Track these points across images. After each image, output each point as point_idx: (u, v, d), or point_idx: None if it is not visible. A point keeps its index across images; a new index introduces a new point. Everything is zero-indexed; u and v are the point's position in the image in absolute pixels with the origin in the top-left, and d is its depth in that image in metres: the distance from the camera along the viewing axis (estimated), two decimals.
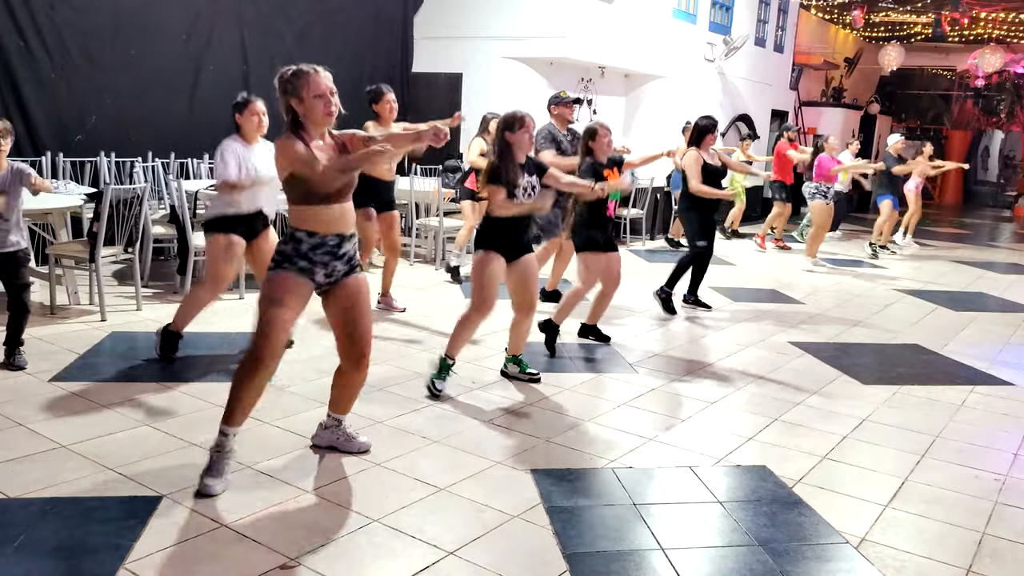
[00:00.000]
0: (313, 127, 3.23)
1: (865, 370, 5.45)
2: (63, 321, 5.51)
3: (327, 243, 3.27)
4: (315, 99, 3.17)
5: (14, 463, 3.35)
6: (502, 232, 4.41)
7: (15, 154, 6.90)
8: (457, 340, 4.45)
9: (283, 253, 3.27)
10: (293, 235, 3.26)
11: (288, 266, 3.25)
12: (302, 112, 3.20)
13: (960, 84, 21.71)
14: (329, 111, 3.20)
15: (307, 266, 3.26)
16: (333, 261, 3.31)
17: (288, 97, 3.20)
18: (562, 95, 6.57)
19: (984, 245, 13.59)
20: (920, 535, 3.19)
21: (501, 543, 2.95)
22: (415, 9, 10.73)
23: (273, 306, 3.20)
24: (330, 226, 3.27)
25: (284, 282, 3.24)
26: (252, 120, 4.70)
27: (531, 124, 4.40)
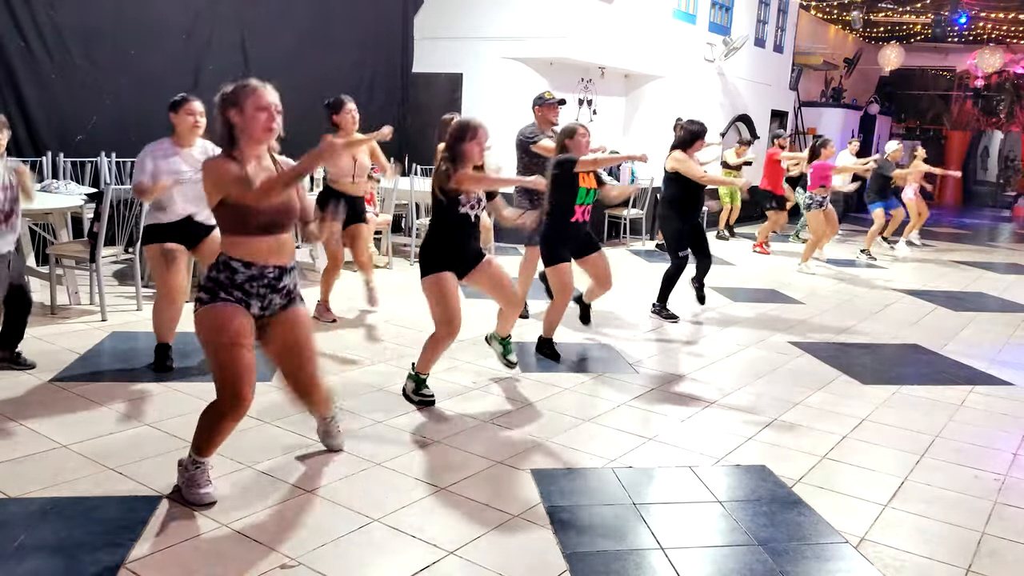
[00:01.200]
0: (250, 144, 2.97)
1: (865, 370, 5.45)
2: (63, 321, 5.51)
3: (265, 275, 3.03)
4: (257, 111, 2.92)
5: (14, 463, 3.35)
6: (445, 248, 4.24)
7: (16, 154, 6.93)
8: (428, 359, 4.31)
9: (216, 282, 2.99)
10: (228, 263, 2.98)
11: (224, 297, 2.98)
12: (240, 125, 2.93)
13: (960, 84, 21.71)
14: (270, 127, 2.95)
15: (241, 297, 3.01)
16: (271, 294, 3.08)
17: (227, 108, 2.94)
18: (547, 96, 6.43)
19: (984, 245, 13.60)
20: (920, 535, 3.19)
21: (501, 543, 2.95)
22: (415, 9, 10.73)
23: (228, 349, 2.94)
24: (269, 257, 3.01)
25: (226, 316, 2.96)
26: (187, 120, 4.52)
27: (484, 137, 4.17)
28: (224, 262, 3.00)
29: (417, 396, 4.33)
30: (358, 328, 5.84)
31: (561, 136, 5.27)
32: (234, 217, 2.96)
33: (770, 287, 8.40)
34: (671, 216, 6.62)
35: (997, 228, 17.08)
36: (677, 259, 6.60)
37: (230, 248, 3.01)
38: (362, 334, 5.69)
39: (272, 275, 3.05)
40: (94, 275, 5.61)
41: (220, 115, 2.98)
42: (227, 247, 3.02)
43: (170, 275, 4.52)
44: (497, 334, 4.85)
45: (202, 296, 3.02)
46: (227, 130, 2.98)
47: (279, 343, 3.18)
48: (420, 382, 4.34)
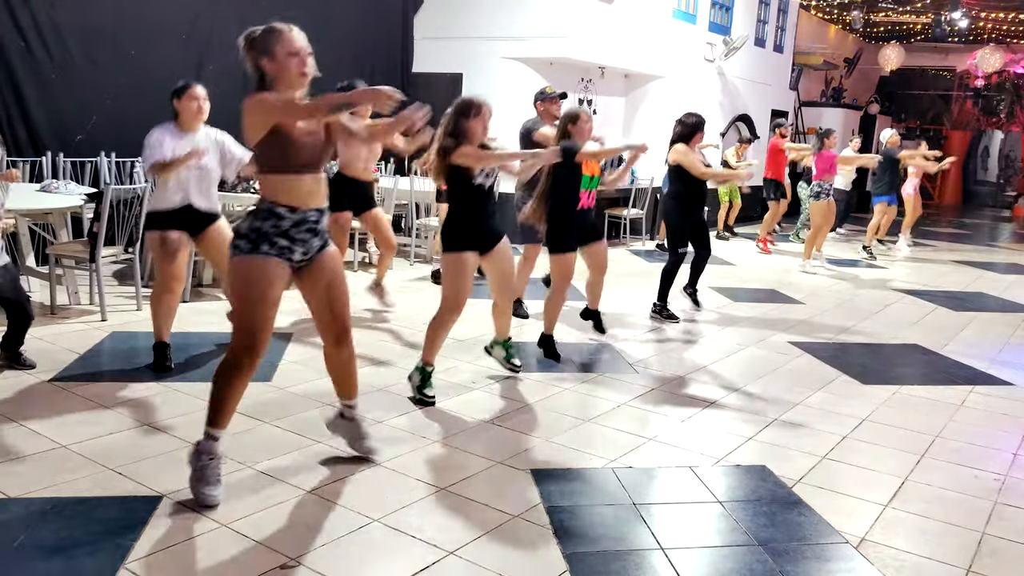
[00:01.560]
0: (287, 88, 2.96)
1: (865, 370, 5.45)
2: (63, 321, 5.51)
3: (308, 219, 3.04)
4: (289, 56, 2.93)
5: (14, 463, 3.35)
6: (468, 226, 4.27)
7: (15, 154, 6.93)
8: (431, 345, 4.33)
9: (259, 232, 2.97)
10: (272, 210, 2.97)
11: (266, 248, 2.98)
12: (273, 72, 2.94)
13: (960, 84, 21.71)
14: (303, 71, 2.96)
15: (287, 245, 3.02)
16: (312, 238, 3.10)
17: (257, 55, 2.94)
18: (548, 90, 6.46)
19: (984, 245, 13.60)
20: (920, 535, 3.19)
21: (501, 543, 2.95)
22: (415, 9, 10.73)
23: (258, 303, 2.97)
24: (309, 199, 3.02)
25: (265, 270, 2.98)
26: (191, 105, 4.52)
27: (487, 114, 4.17)
28: (268, 209, 2.99)
29: (418, 394, 4.33)
30: (357, 328, 5.83)
31: (564, 121, 5.23)
32: (277, 153, 2.94)
33: (770, 287, 8.39)
34: (674, 211, 6.59)
35: (997, 228, 17.08)
36: (675, 255, 6.57)
37: (273, 192, 3.00)
38: (362, 334, 5.68)
39: (313, 219, 3.07)
40: (94, 275, 5.61)
41: (250, 62, 2.98)
42: (269, 191, 3.01)
43: (168, 263, 4.52)
44: (497, 338, 4.84)
45: (241, 244, 2.99)
46: (259, 75, 2.99)
47: (320, 284, 3.20)
48: (426, 377, 4.35)
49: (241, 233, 3.03)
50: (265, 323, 3.02)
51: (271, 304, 3.03)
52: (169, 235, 4.52)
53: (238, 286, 3.03)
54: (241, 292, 3.03)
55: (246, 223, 3.04)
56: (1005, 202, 20.99)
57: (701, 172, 6.40)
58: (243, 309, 3.03)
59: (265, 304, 3.01)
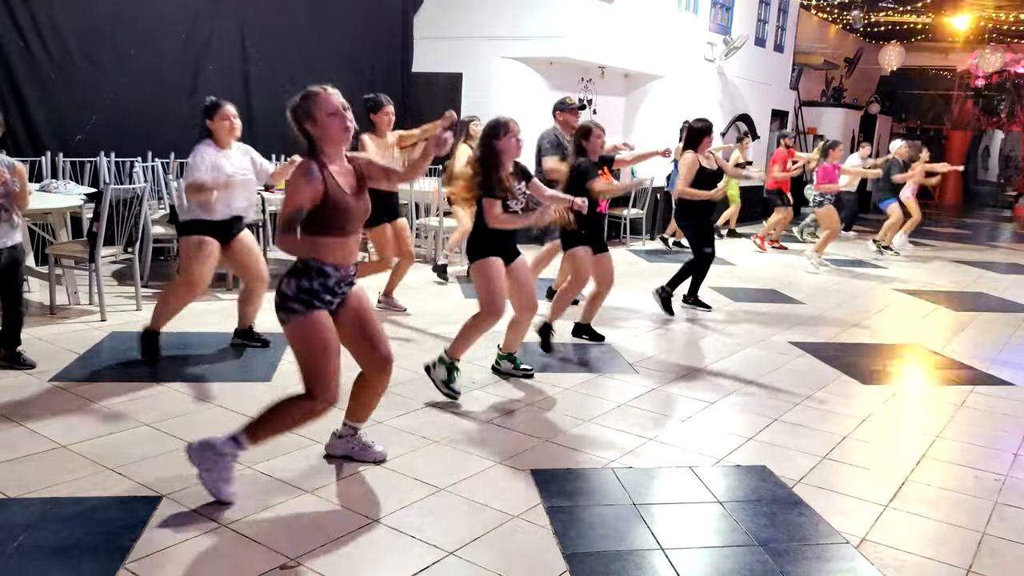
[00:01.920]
0: (331, 147, 3.13)
1: (865, 370, 5.45)
2: (63, 321, 5.51)
3: (349, 274, 3.22)
4: (329, 117, 3.08)
5: (14, 463, 3.35)
6: (496, 239, 4.38)
7: (15, 154, 6.92)
8: (464, 343, 4.41)
9: (309, 291, 3.10)
10: (321, 270, 3.10)
11: (318, 304, 3.12)
12: (318, 134, 3.09)
13: (960, 84, 21.71)
14: (345, 127, 3.11)
15: (331, 300, 3.18)
16: (349, 289, 3.26)
17: (301, 123, 3.10)
18: (568, 101, 6.58)
19: (984, 245, 13.60)
20: (920, 535, 3.19)
21: (501, 543, 2.95)
22: (415, 9, 10.73)
23: (325, 353, 3.10)
24: (348, 257, 3.18)
25: (323, 327, 3.12)
26: (224, 125, 4.67)
27: (516, 129, 4.30)
28: (317, 268, 3.10)
29: (445, 388, 4.40)
30: None
31: (577, 137, 5.46)
32: (330, 219, 3.08)
33: (770, 287, 8.39)
34: (688, 213, 6.76)
35: (997, 228, 17.08)
36: (702, 255, 6.72)
37: (321, 253, 3.10)
38: None
39: (353, 272, 3.25)
40: (93, 275, 5.61)
41: (298, 130, 3.13)
42: (316, 252, 3.10)
43: (199, 266, 4.67)
44: (502, 353, 4.86)
45: (296, 307, 3.08)
46: (308, 140, 3.12)
47: (354, 318, 3.28)
48: (452, 371, 4.41)
49: (290, 296, 3.10)
50: (336, 369, 3.13)
51: (336, 350, 3.14)
52: (208, 241, 4.67)
53: (305, 348, 3.11)
54: (310, 352, 3.11)
55: (291, 285, 3.10)
56: (1005, 202, 21.00)
57: (681, 191, 6.61)
58: (315, 363, 3.11)
59: (331, 352, 3.12)
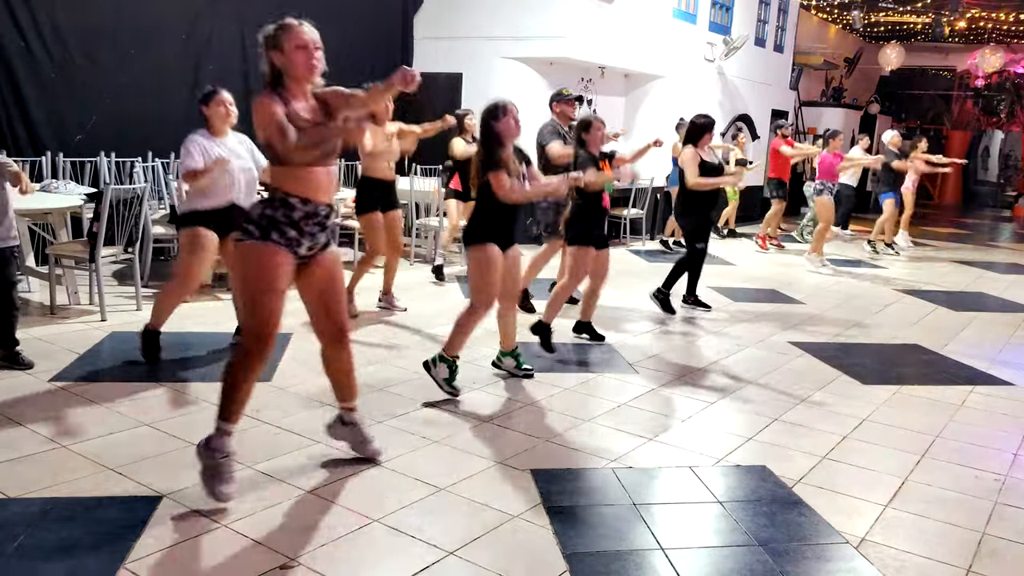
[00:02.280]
0: (295, 83, 3.02)
1: (865, 370, 5.45)
2: (63, 321, 5.51)
3: (319, 213, 3.07)
4: (297, 50, 2.98)
5: (14, 463, 3.35)
6: (496, 223, 4.36)
7: (15, 154, 6.93)
8: (458, 339, 4.41)
9: (271, 219, 2.98)
10: (285, 200, 2.99)
11: (276, 236, 2.98)
12: (282, 64, 2.99)
13: (960, 84, 21.71)
14: (312, 64, 3.01)
15: (295, 236, 3.02)
16: (319, 233, 3.11)
17: (269, 50, 3.01)
18: (564, 92, 6.61)
19: (984, 245, 13.59)
20: (920, 535, 3.19)
21: (501, 543, 2.95)
22: (415, 9, 10.73)
23: (267, 294, 2.97)
24: (321, 192, 3.05)
25: (274, 260, 2.98)
26: (219, 111, 4.64)
27: (514, 110, 4.31)
28: (281, 199, 3.01)
29: (447, 386, 4.40)
30: (357, 328, 5.83)
31: (578, 130, 5.47)
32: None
33: (770, 287, 8.39)
34: (687, 208, 6.77)
35: (997, 228, 17.08)
36: (695, 250, 6.71)
37: (286, 183, 3.02)
38: (361, 334, 5.68)
39: (324, 212, 3.10)
40: (93, 275, 5.61)
41: (265, 56, 3.04)
42: (281, 181, 3.02)
43: (195, 259, 4.62)
44: (503, 350, 4.85)
45: (251, 229, 3.00)
46: (272, 70, 3.04)
47: (317, 283, 3.20)
48: (453, 370, 4.42)
49: (252, 219, 3.03)
50: (274, 313, 3.01)
51: (279, 294, 3.02)
52: (204, 233, 4.61)
53: (247, 275, 3.02)
54: (249, 279, 3.02)
55: (257, 210, 3.05)
56: (1005, 202, 21.00)
57: (694, 182, 6.55)
58: (252, 298, 3.02)
59: (274, 294, 3.01)
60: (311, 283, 3.21)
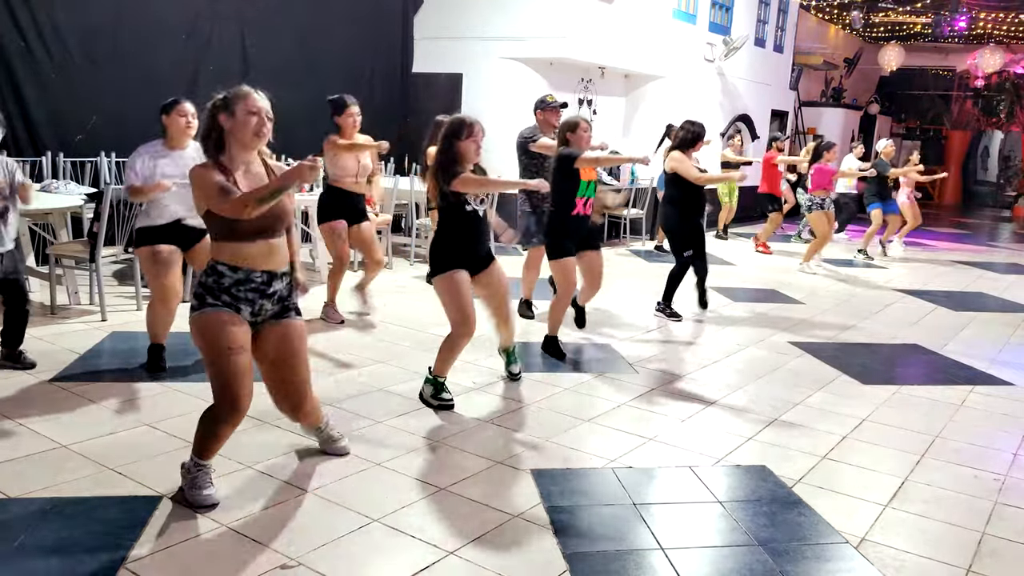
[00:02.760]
0: (241, 148, 2.98)
1: (865, 370, 5.45)
2: (63, 321, 5.51)
3: (252, 279, 3.01)
4: (248, 115, 2.93)
5: (14, 463, 3.35)
6: (456, 247, 4.18)
7: (15, 154, 6.92)
8: (444, 361, 4.28)
9: (204, 286, 2.99)
10: (214, 267, 2.98)
11: (212, 301, 2.98)
12: (230, 128, 2.94)
13: (960, 84, 21.71)
14: (260, 131, 2.96)
15: (230, 301, 2.99)
16: (260, 299, 3.06)
17: (217, 112, 2.95)
18: (548, 99, 6.45)
19: (984, 245, 13.59)
20: (920, 535, 3.19)
21: (501, 543, 2.95)
22: (415, 9, 10.73)
23: (221, 355, 2.93)
24: (257, 261, 3.00)
25: (217, 322, 2.95)
26: (179, 121, 4.55)
27: (480, 133, 4.09)
28: (211, 266, 3.01)
29: (436, 400, 4.29)
30: (357, 328, 5.84)
31: (563, 130, 5.28)
32: (222, 223, 2.94)
33: (770, 287, 8.39)
34: (672, 216, 6.63)
35: (997, 228, 17.08)
36: (682, 259, 6.61)
37: (217, 253, 3.02)
38: (361, 334, 5.68)
39: (260, 279, 3.04)
40: (94, 275, 5.61)
41: (209, 120, 2.98)
42: (215, 252, 3.02)
43: (162, 277, 4.51)
44: (501, 345, 4.82)
45: (193, 303, 3.03)
46: (216, 135, 2.98)
47: (270, 353, 3.14)
48: (439, 386, 4.30)
49: (193, 293, 3.04)
50: (237, 373, 2.95)
51: (236, 350, 2.96)
52: (160, 249, 4.51)
53: (201, 345, 3.00)
54: (205, 349, 2.98)
55: (196, 283, 3.06)
56: (1005, 202, 20.99)
57: (696, 177, 6.43)
58: (212, 364, 2.97)
59: (230, 353, 2.94)
60: (262, 352, 3.14)
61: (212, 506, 3.07)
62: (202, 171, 2.93)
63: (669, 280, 6.66)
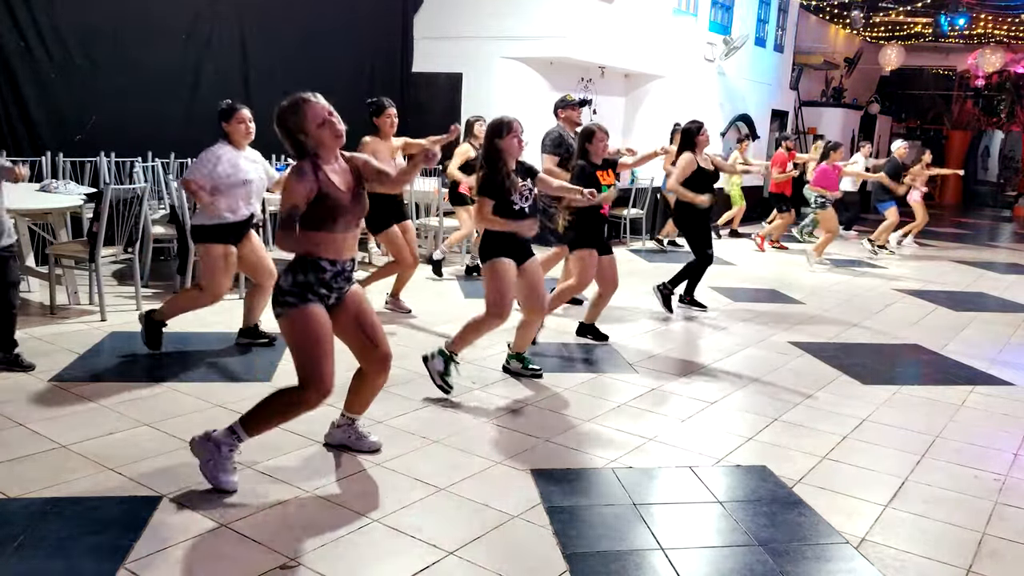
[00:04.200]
0: (326, 153, 3.19)
1: (865, 370, 5.45)
2: (63, 321, 5.51)
3: (345, 269, 3.25)
4: (319, 128, 3.12)
5: (14, 463, 3.35)
6: (505, 241, 4.40)
7: (15, 154, 6.93)
8: (464, 340, 4.44)
9: (303, 285, 3.14)
10: (316, 264, 3.15)
11: (311, 298, 3.16)
12: (311, 145, 3.15)
13: (960, 84, 21.70)
14: (337, 133, 3.17)
15: (326, 294, 3.22)
16: (346, 284, 3.30)
17: (293, 135, 3.14)
18: (568, 98, 6.62)
19: (984, 245, 13.59)
20: (920, 535, 3.19)
21: (501, 543, 2.95)
22: (415, 9, 10.73)
23: (318, 346, 3.13)
24: (345, 252, 3.22)
25: (316, 319, 3.15)
26: (240, 128, 4.73)
27: (519, 128, 4.34)
28: (312, 263, 3.15)
29: (439, 379, 4.41)
30: None
31: (581, 139, 5.47)
32: (325, 215, 3.12)
33: (770, 287, 8.39)
34: (687, 216, 6.74)
35: (997, 228, 17.08)
36: (703, 256, 6.72)
37: (316, 248, 3.15)
38: None
39: (349, 268, 3.28)
40: (93, 275, 5.61)
41: (288, 140, 3.16)
42: (312, 247, 3.14)
43: (225, 276, 4.75)
44: (511, 352, 4.87)
45: (290, 300, 3.14)
46: (301, 147, 3.16)
47: (350, 318, 3.34)
48: (449, 364, 4.42)
49: (285, 290, 3.16)
50: (330, 363, 3.16)
51: (328, 344, 3.18)
52: (232, 251, 4.74)
53: (297, 339, 3.16)
54: (302, 343, 3.15)
55: (288, 279, 3.16)
56: (1005, 202, 20.98)
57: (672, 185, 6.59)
58: (308, 357, 3.15)
59: (324, 345, 3.15)
60: (345, 321, 3.35)
61: (232, 492, 3.14)
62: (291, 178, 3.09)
63: (690, 274, 6.77)
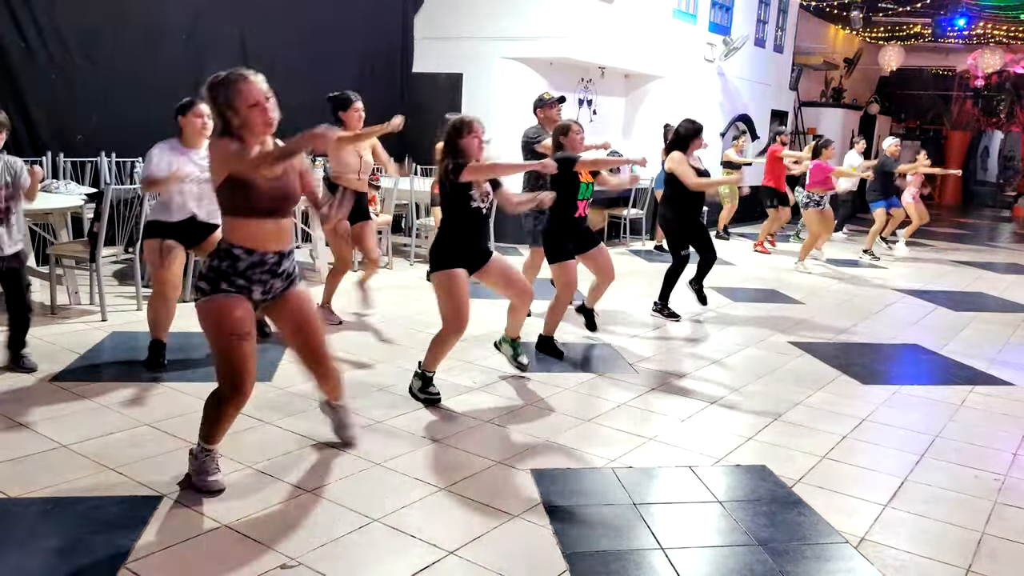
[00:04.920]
0: (252, 138, 3.02)
1: (865, 370, 5.45)
2: (63, 321, 5.51)
3: (266, 261, 3.09)
4: (250, 109, 2.97)
5: (14, 463, 3.35)
6: (457, 244, 4.25)
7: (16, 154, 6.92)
8: (434, 356, 4.31)
9: (217, 271, 3.04)
10: (229, 251, 3.03)
11: (226, 286, 3.04)
12: (238, 124, 2.99)
13: (960, 84, 21.70)
14: (268, 120, 3.01)
15: (244, 284, 3.07)
16: (272, 279, 3.15)
17: (222, 107, 2.99)
18: (545, 96, 6.53)
19: (984, 245, 13.59)
20: (920, 535, 3.19)
21: (501, 543, 2.95)
22: (415, 9, 10.72)
23: (229, 340, 3.00)
24: (268, 242, 3.07)
25: (227, 308, 3.02)
26: (195, 122, 4.66)
27: (479, 129, 4.18)
28: (226, 250, 3.06)
29: (423, 394, 4.33)
30: (358, 328, 5.84)
31: (556, 134, 5.40)
32: (238, 197, 3.00)
33: (770, 287, 8.39)
34: (671, 215, 6.62)
35: (997, 228, 17.08)
36: (679, 258, 6.61)
37: (232, 234, 3.06)
38: (362, 334, 5.68)
39: (273, 260, 3.12)
40: (94, 275, 5.61)
41: (217, 116, 3.04)
42: (229, 233, 3.07)
43: (165, 270, 4.61)
44: (506, 336, 4.87)
45: (202, 286, 3.07)
46: (227, 125, 3.03)
47: (290, 322, 3.30)
48: (427, 380, 4.35)
49: (202, 274, 3.10)
50: (242, 358, 3.03)
51: (244, 337, 3.03)
52: (167, 243, 4.62)
53: (208, 328, 3.05)
54: (213, 333, 3.05)
55: (205, 264, 3.11)
56: (1005, 202, 20.97)
57: (695, 183, 6.37)
58: (219, 348, 3.05)
59: (237, 338, 3.02)
60: (282, 320, 3.30)
61: (218, 492, 3.13)
62: (221, 140, 3.00)
63: (666, 279, 6.65)
